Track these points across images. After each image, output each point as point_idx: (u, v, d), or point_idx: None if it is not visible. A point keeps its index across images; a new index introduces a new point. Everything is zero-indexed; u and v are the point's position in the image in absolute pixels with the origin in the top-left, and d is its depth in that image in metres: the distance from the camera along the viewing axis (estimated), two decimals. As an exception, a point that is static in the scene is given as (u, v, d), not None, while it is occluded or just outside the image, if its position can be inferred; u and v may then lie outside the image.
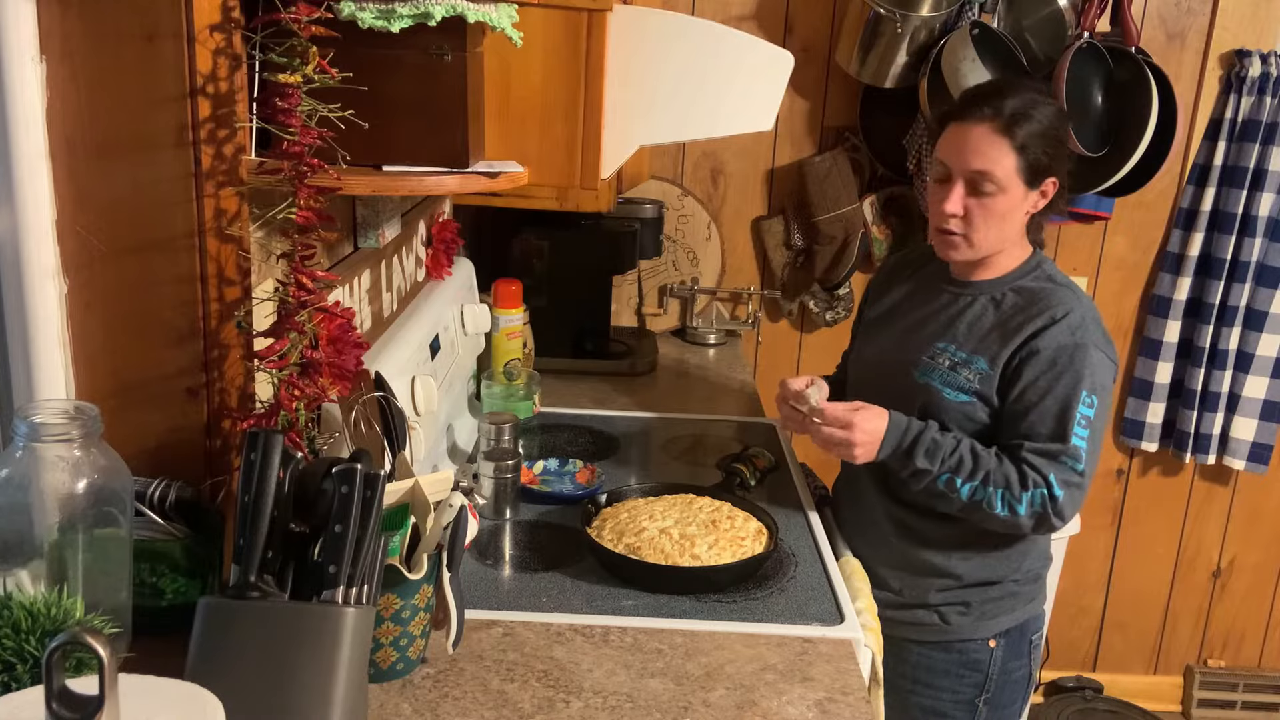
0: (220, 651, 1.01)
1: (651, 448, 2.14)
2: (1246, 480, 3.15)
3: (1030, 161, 1.66)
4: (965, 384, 1.69)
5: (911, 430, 1.67)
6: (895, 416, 1.69)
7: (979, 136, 1.67)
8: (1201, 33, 2.82)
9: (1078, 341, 1.65)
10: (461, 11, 1.19)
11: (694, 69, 1.45)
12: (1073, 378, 1.63)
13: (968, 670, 1.80)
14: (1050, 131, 1.68)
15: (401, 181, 1.28)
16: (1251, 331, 2.94)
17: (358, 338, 1.30)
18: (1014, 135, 1.65)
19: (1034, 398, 1.65)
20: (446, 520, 1.24)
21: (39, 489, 1.03)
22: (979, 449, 1.66)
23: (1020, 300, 1.72)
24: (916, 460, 1.65)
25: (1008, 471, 1.63)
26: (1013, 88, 1.71)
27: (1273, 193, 2.83)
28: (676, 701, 1.28)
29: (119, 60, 1.14)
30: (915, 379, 1.74)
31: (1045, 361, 1.64)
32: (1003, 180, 1.66)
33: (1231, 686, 3.30)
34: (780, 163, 2.94)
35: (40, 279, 1.17)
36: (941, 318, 1.78)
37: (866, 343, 1.92)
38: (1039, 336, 1.66)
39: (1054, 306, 1.68)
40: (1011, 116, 1.65)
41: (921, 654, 1.81)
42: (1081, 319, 1.67)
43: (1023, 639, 1.82)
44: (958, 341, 1.73)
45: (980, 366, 1.69)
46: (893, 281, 1.93)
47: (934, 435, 1.67)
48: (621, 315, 2.99)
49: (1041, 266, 1.76)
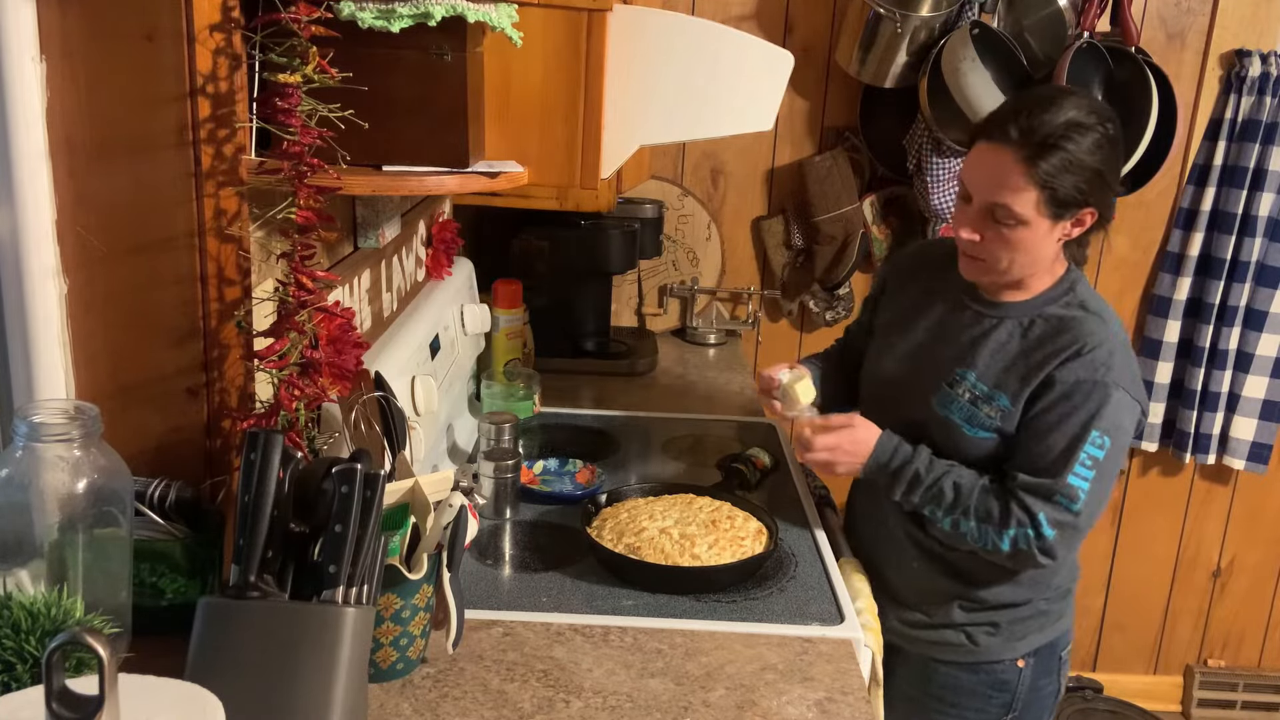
0: (220, 651, 1.01)
1: (651, 448, 2.14)
2: (1246, 480, 3.15)
3: (1057, 196, 1.51)
4: (987, 421, 1.60)
5: (896, 459, 1.62)
6: (882, 443, 1.63)
7: (999, 164, 1.52)
8: (1201, 33, 2.82)
9: (1099, 379, 1.54)
10: (461, 11, 1.19)
11: (694, 69, 1.45)
12: (1085, 415, 1.53)
13: (996, 691, 1.74)
14: (1087, 162, 1.50)
15: (401, 181, 1.28)
16: (1251, 331, 2.94)
17: (358, 338, 1.30)
18: (1037, 167, 1.49)
19: (1041, 429, 1.56)
20: (446, 520, 1.24)
21: (39, 489, 1.03)
22: (962, 481, 1.59)
23: (1047, 329, 1.60)
24: (896, 493, 1.63)
25: (990, 506, 1.56)
26: (1054, 105, 1.51)
27: (1273, 193, 2.83)
28: (676, 701, 1.28)
29: (119, 60, 1.14)
30: (934, 410, 1.64)
31: (1060, 394, 1.55)
32: (1021, 214, 1.52)
33: (1231, 686, 3.30)
34: (780, 163, 2.94)
35: (40, 279, 1.17)
36: (963, 339, 1.66)
37: (880, 353, 1.79)
38: (1060, 368, 1.55)
39: (1081, 339, 1.56)
40: (1040, 145, 1.49)
41: (949, 674, 1.74)
42: (1109, 355, 1.55)
43: (1052, 656, 1.76)
44: (978, 370, 1.62)
45: (1002, 403, 1.59)
46: (911, 281, 1.81)
47: (918, 466, 1.60)
48: (621, 315, 2.99)
49: (1075, 290, 1.63)
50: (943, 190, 2.72)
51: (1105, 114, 1.55)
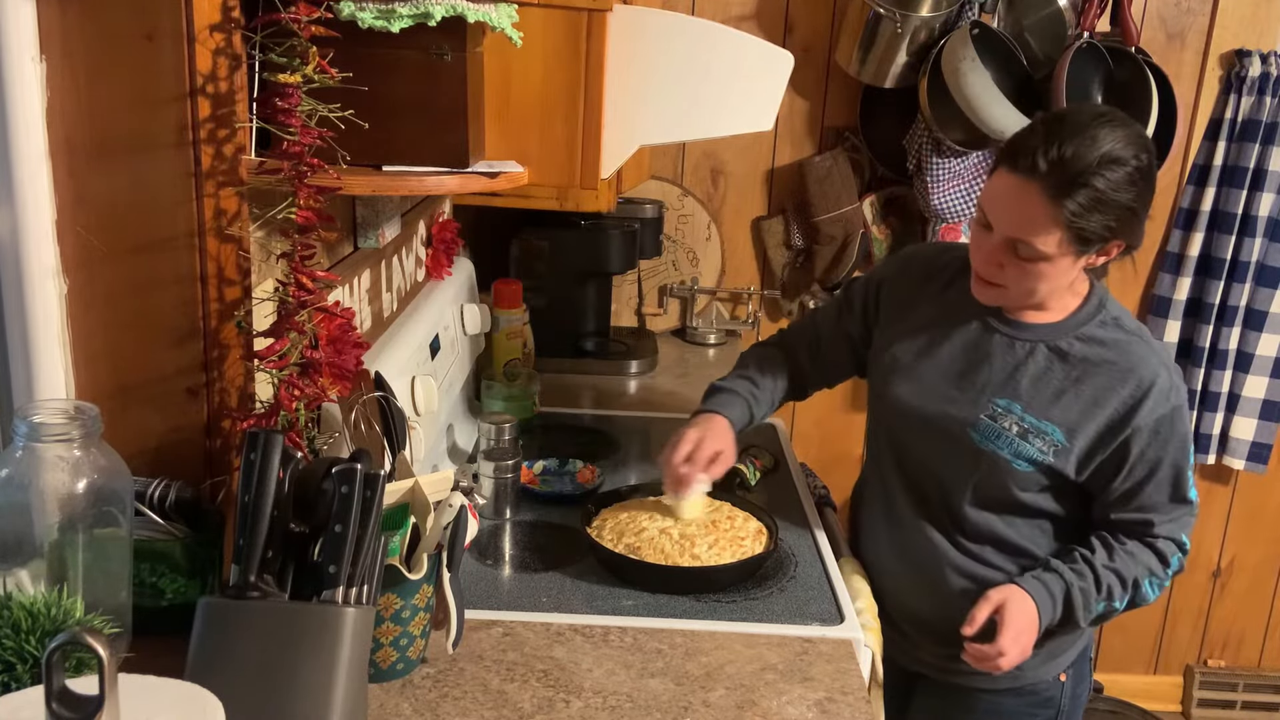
0: (220, 651, 1.01)
1: (651, 448, 2.14)
2: (1246, 480, 3.15)
3: (1085, 234, 1.43)
4: (1037, 455, 1.53)
5: (1057, 597, 1.54)
6: (1034, 594, 1.52)
7: (1023, 200, 1.43)
8: (1201, 33, 2.82)
9: (1174, 404, 1.52)
10: (461, 11, 1.19)
11: (694, 69, 1.45)
12: (1179, 441, 1.53)
13: (1041, 708, 1.70)
14: (1118, 199, 1.42)
15: (401, 181, 1.28)
16: (1251, 331, 2.94)
17: (358, 338, 1.30)
18: (1064, 207, 1.41)
19: (1144, 472, 1.53)
20: (446, 520, 1.24)
21: (39, 489, 1.03)
22: (1118, 562, 1.54)
23: (1090, 354, 1.54)
24: (1083, 621, 1.57)
25: (1148, 561, 1.56)
26: (1088, 137, 1.40)
27: (1273, 193, 2.83)
28: (676, 701, 1.28)
29: (119, 60, 1.14)
30: (976, 443, 1.56)
31: (1148, 434, 1.51)
32: (1044, 251, 1.45)
33: (1231, 686, 3.30)
34: (780, 163, 2.94)
35: (40, 279, 1.17)
36: (997, 365, 1.57)
37: (898, 379, 1.65)
38: (1136, 413, 1.50)
39: (1137, 369, 1.51)
40: (1069, 180, 1.40)
41: (992, 701, 1.68)
42: (1170, 380, 1.52)
43: (1084, 661, 1.75)
44: (1023, 401, 1.54)
45: (1056, 438, 1.52)
46: (920, 292, 1.69)
47: (1079, 589, 1.53)
48: (621, 315, 2.99)
49: (1105, 308, 1.58)
50: (943, 190, 2.72)
51: (1141, 143, 1.45)
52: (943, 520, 1.64)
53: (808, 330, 1.86)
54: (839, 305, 1.83)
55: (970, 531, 1.63)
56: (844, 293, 1.84)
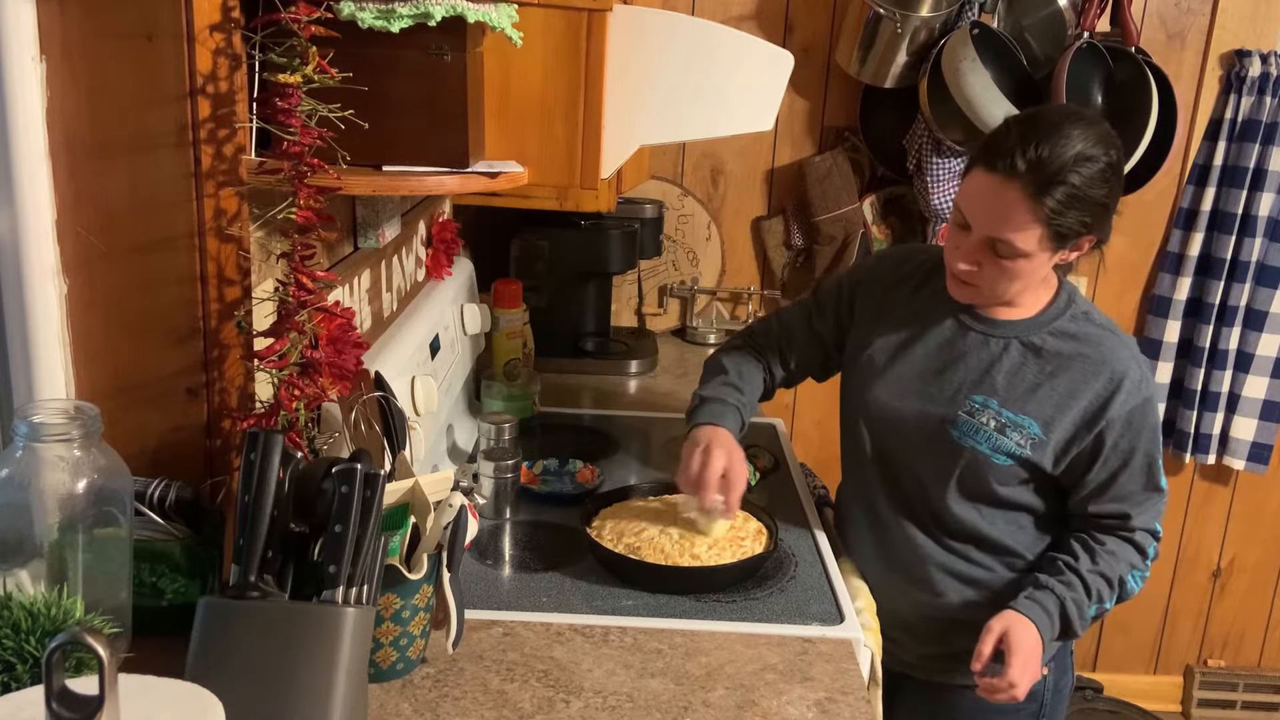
0: (220, 651, 1.01)
1: (651, 448, 2.14)
2: (1246, 480, 3.15)
3: (1062, 230, 1.48)
4: (1015, 449, 1.56)
5: (1053, 614, 1.55)
6: (1032, 616, 1.53)
7: (1003, 198, 1.46)
8: (1201, 33, 2.83)
9: (1145, 396, 1.56)
10: (461, 11, 1.19)
11: (694, 69, 1.45)
12: (1150, 431, 1.56)
13: (1024, 703, 1.67)
14: (1093, 193, 1.46)
15: (401, 181, 1.28)
16: (1251, 331, 2.94)
17: (358, 338, 1.30)
18: (1044, 205, 1.45)
19: (1118, 463, 1.56)
20: (446, 520, 1.24)
21: (39, 489, 1.03)
22: (1102, 564, 1.57)
23: (1063, 348, 1.58)
24: (1080, 630, 1.58)
25: (1129, 557, 1.58)
26: (1061, 135, 1.44)
27: (1273, 193, 2.84)
28: (676, 701, 1.28)
29: (119, 60, 1.14)
30: (955, 440, 1.59)
31: (1121, 426, 1.55)
32: (1023, 248, 1.49)
33: (1231, 686, 3.31)
34: (780, 163, 2.94)
35: (40, 279, 1.17)
36: (972, 362, 1.61)
37: (874, 381, 1.68)
38: (1110, 405, 1.54)
39: (1110, 362, 1.55)
40: (1047, 179, 1.44)
41: (975, 699, 1.63)
42: (1141, 373, 1.56)
43: (1065, 653, 1.75)
44: (999, 396, 1.58)
45: (1033, 431, 1.56)
46: (894, 294, 1.72)
47: (1071, 600, 1.55)
48: (621, 315, 2.99)
49: (1075, 303, 1.62)
50: (943, 190, 2.72)
51: (1110, 140, 1.50)
52: (925, 519, 1.67)
53: (776, 332, 1.86)
54: (809, 308, 1.84)
55: (953, 529, 1.65)
56: (813, 295, 1.86)
